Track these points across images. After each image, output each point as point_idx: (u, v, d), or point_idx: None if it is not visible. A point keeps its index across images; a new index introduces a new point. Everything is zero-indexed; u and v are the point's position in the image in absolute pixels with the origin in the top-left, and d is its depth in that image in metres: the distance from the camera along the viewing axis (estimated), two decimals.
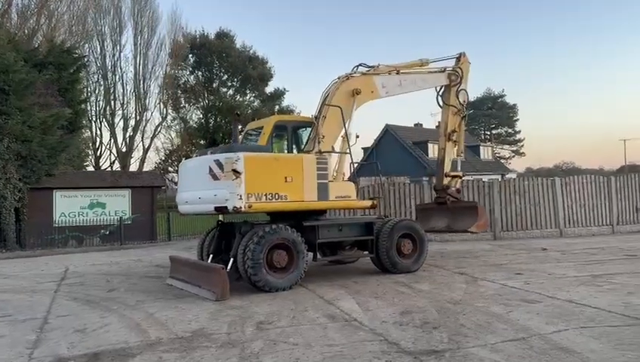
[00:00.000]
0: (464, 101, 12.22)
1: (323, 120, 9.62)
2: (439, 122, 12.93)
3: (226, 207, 8.11)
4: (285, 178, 8.48)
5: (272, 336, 5.67)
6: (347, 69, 10.53)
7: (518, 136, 72.45)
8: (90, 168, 35.71)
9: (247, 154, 8.26)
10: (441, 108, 12.40)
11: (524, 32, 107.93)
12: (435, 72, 11.91)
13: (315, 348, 5.19)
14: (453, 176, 12.16)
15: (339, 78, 10.17)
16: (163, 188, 26.99)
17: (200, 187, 8.62)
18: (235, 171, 8.00)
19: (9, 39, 19.53)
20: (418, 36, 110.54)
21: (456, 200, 12.16)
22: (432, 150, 40.87)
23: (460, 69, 12.10)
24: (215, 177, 8.23)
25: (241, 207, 7.99)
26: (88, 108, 33.27)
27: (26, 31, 25.66)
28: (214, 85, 45.52)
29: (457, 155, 12.37)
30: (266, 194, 8.26)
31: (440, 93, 12.22)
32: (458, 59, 12.26)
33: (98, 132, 38.57)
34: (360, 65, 10.65)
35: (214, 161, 8.28)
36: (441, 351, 4.97)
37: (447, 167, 12.13)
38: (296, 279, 8.47)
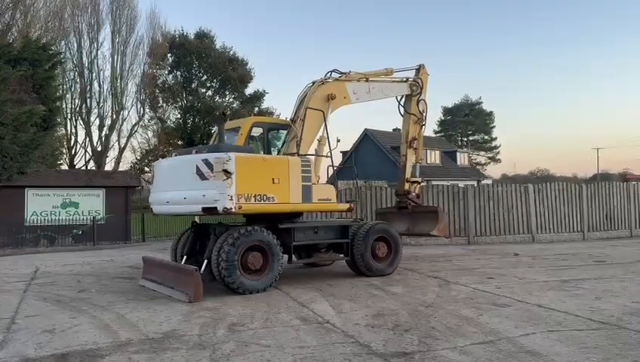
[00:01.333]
0: (423, 110, 12.65)
1: (301, 123, 9.64)
2: (400, 129, 13.28)
3: (215, 208, 7.95)
4: (272, 179, 8.46)
5: (244, 338, 5.65)
6: (326, 72, 10.69)
7: (494, 143, 73.63)
8: (65, 167, 35.01)
9: (238, 154, 8.15)
10: (402, 117, 12.79)
11: (501, 39, 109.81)
12: (399, 81, 12.32)
13: (286, 349, 5.20)
14: (413, 182, 12.58)
15: (314, 83, 10.26)
16: (138, 188, 26.58)
17: (184, 187, 8.39)
18: (225, 171, 7.88)
19: None
20: (393, 41, 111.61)
21: (416, 205, 12.52)
22: None
23: (420, 79, 12.56)
24: (203, 177, 8.04)
25: (231, 208, 7.88)
26: (64, 105, 32.65)
27: (1, 26, 25.10)
28: (193, 85, 45.17)
29: (417, 161, 12.79)
30: (255, 196, 8.20)
31: (401, 102, 12.61)
32: (418, 70, 12.66)
33: (73, 130, 37.87)
34: (333, 71, 10.81)
35: (202, 160, 8.08)
36: (410, 353, 5.02)
37: (407, 173, 12.53)
38: (270, 281, 8.47)
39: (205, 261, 8.34)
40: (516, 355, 4.92)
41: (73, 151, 38.02)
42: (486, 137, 73.58)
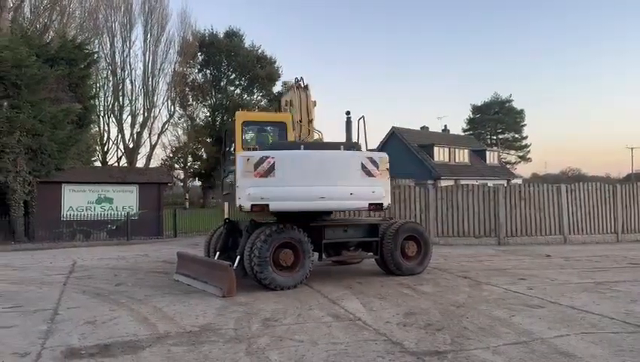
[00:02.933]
0: None
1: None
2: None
3: (381, 204, 8.70)
4: None
5: (278, 333, 5.78)
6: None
7: (524, 142, 72.31)
8: (98, 163, 35.92)
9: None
10: None
11: (532, 37, 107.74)
12: None
13: (320, 345, 5.30)
14: None
15: (298, 89, 10.83)
16: (169, 184, 27.16)
17: (348, 183, 8.59)
18: (388, 170, 8.77)
19: (22, 34, 19.77)
20: (423, 38, 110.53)
21: None
22: (438, 153, 40.95)
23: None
24: (370, 174, 8.62)
25: (389, 205, 8.82)
26: (97, 103, 33.52)
27: (39, 26, 25.90)
28: (222, 83, 45.77)
29: None
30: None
31: None
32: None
33: (106, 127, 38.83)
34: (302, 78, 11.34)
35: (368, 158, 8.74)
36: (443, 352, 5.07)
37: None
38: (301, 278, 8.59)
39: (238, 257, 8.52)
40: (550, 356, 4.92)
41: (106, 148, 38.98)
42: (516, 136, 72.31)
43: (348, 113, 9.76)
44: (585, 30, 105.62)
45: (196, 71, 45.92)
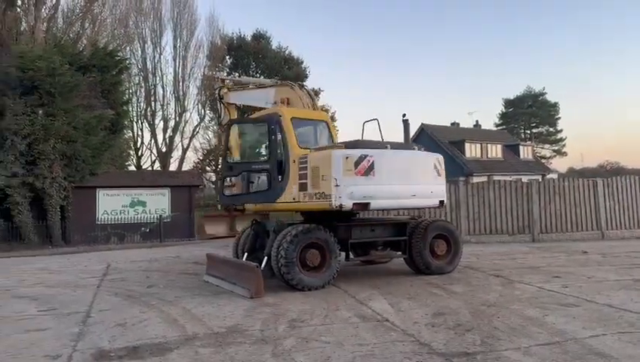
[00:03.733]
0: None
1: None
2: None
3: (443, 202, 9.43)
4: None
5: (304, 334, 5.76)
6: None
7: (559, 135, 70.42)
8: (132, 168, 36.73)
9: None
10: None
11: (564, 27, 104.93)
12: None
13: (346, 346, 5.25)
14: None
15: (292, 88, 10.51)
16: (201, 187, 27.54)
17: (428, 182, 9.23)
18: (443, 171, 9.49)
19: (55, 43, 20.35)
20: (451, 32, 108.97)
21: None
22: (470, 149, 40.31)
23: None
24: (438, 174, 9.35)
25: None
26: (130, 109, 34.27)
27: (71, 35, 26.62)
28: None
29: None
30: None
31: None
32: None
33: (139, 132, 39.64)
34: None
35: (436, 158, 9.41)
36: (472, 354, 4.95)
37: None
38: (328, 278, 8.55)
39: (265, 258, 8.55)
40: (585, 357, 4.74)
41: (140, 153, 39.82)
42: (551, 129, 70.44)
43: (404, 116, 10.19)
44: (620, 18, 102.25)
45: (225, 74, 46.39)
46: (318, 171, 8.35)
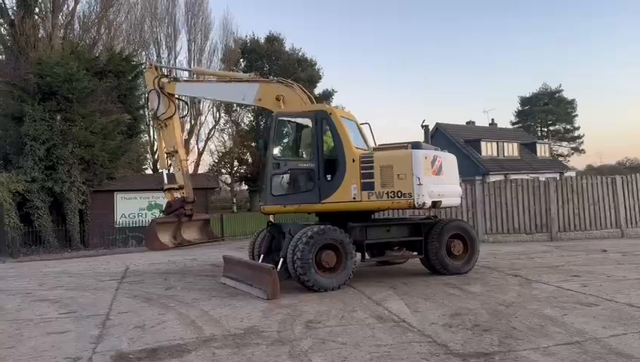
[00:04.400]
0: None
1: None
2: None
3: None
4: None
5: (320, 335, 5.77)
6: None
7: (577, 133, 69.50)
8: (149, 171, 37.10)
9: None
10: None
11: (580, 22, 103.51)
12: None
13: (363, 347, 5.25)
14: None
15: (282, 82, 10.13)
16: (216, 189, 27.72)
17: (458, 182, 10.11)
18: None
19: (72, 49, 20.64)
20: (463, 28, 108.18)
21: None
22: (486, 148, 39.96)
23: None
24: (459, 174, 10.04)
25: None
26: (146, 113, 34.63)
27: (88, 41, 26.99)
28: None
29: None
30: None
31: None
32: None
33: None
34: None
35: (456, 161, 9.97)
36: (490, 354, 4.91)
37: (179, 179, 11.91)
38: (344, 279, 8.55)
39: (281, 259, 8.57)
40: (605, 357, 4.68)
41: (156, 156, 40.14)
42: (568, 127, 69.54)
43: (423, 121, 10.23)
44: (635, 12, 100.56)
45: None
46: (392, 170, 8.52)
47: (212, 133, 44.19)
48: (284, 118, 9.71)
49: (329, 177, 8.92)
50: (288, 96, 9.91)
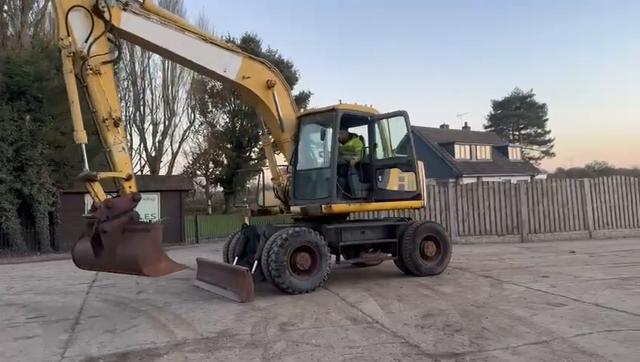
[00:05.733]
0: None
1: None
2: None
3: None
4: None
5: (294, 337, 5.77)
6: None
7: (547, 137, 71.12)
8: None
9: None
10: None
11: (551, 29, 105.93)
12: None
13: (336, 349, 5.27)
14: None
15: (266, 65, 9.23)
16: (190, 191, 27.46)
17: None
18: None
19: (42, 48, 20.18)
20: (437, 31, 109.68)
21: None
22: (459, 151, 40.52)
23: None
24: None
25: None
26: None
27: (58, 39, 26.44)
28: None
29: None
30: None
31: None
32: None
33: (128, 137, 39.48)
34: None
35: None
36: (461, 354, 4.99)
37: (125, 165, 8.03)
38: (319, 281, 8.56)
39: (256, 261, 8.54)
40: (572, 356, 4.80)
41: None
42: (539, 130, 71.12)
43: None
44: (607, 18, 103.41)
45: None
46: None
47: (187, 134, 43.83)
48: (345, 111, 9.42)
49: (380, 178, 9.32)
50: (279, 88, 9.36)
